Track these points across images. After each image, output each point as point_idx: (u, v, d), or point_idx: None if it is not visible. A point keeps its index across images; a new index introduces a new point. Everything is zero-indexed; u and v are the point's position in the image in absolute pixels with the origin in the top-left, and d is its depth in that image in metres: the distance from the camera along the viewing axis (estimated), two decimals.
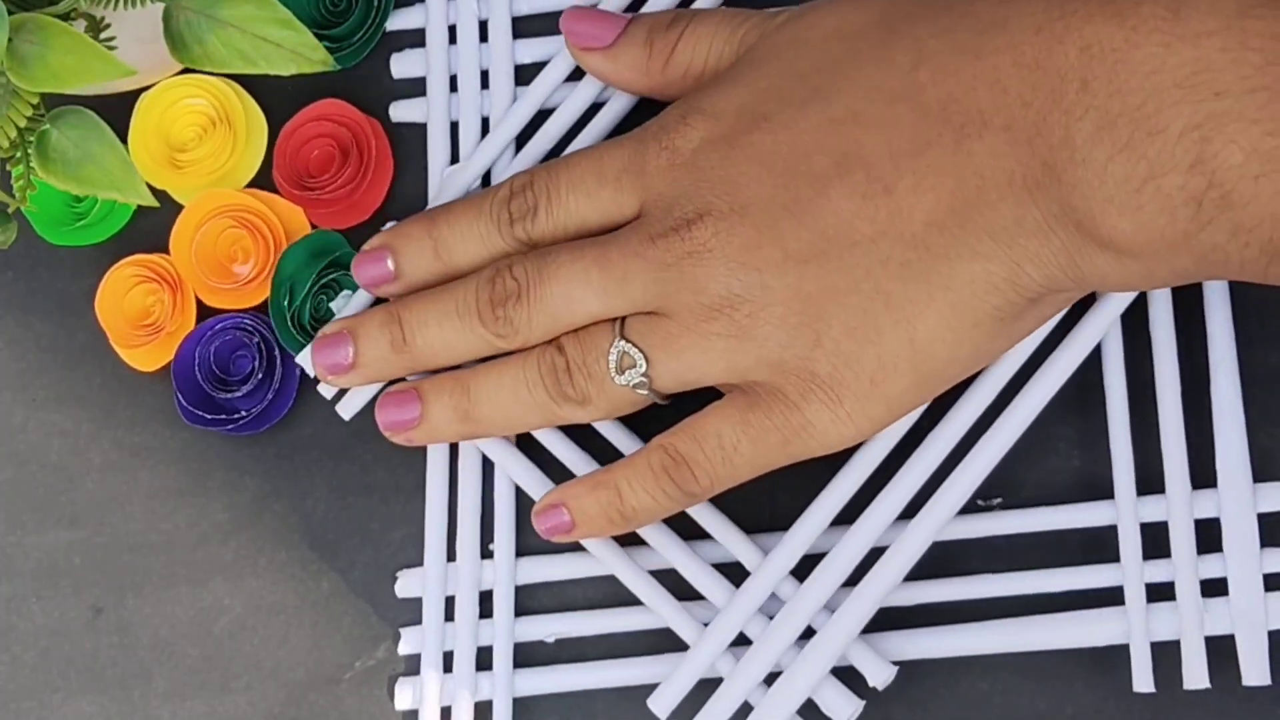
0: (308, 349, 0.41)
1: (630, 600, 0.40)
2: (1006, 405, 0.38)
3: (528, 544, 0.41)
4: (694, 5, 0.42)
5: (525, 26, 0.44)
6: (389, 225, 0.41)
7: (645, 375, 0.37)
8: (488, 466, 0.42)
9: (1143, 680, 0.37)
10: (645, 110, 0.42)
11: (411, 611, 0.42)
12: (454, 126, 0.43)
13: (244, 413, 0.42)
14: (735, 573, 0.39)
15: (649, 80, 0.40)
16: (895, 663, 0.38)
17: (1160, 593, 0.38)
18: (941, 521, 0.38)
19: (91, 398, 0.44)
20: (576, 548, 0.40)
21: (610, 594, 0.40)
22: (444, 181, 0.42)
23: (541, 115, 0.43)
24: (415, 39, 0.44)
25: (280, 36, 0.39)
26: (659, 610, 0.40)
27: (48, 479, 0.44)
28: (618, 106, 0.42)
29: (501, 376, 0.39)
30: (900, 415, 0.37)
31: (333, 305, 0.42)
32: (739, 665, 0.38)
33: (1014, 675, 0.39)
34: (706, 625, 0.39)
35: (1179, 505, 0.38)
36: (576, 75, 0.42)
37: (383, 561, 0.42)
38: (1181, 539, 0.37)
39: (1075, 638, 0.38)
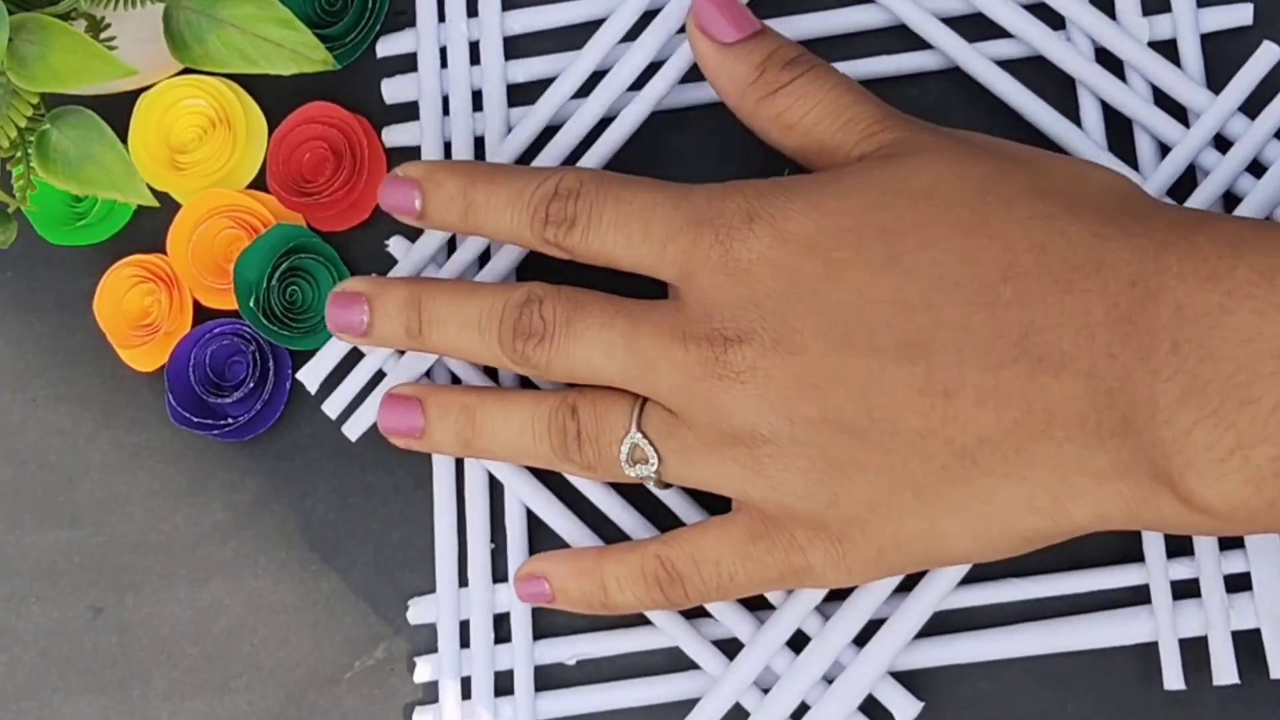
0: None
1: (649, 619, 0.40)
2: None
3: None
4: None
5: (517, 46, 0.44)
6: (420, 161, 0.40)
7: (656, 472, 0.37)
8: (495, 486, 0.41)
9: (1173, 678, 0.37)
10: (653, 127, 0.42)
11: (407, 612, 0.42)
12: (447, 148, 0.43)
13: (231, 419, 0.42)
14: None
15: (740, 103, 0.38)
16: (920, 670, 0.39)
17: (1179, 590, 0.38)
18: (963, 569, 0.38)
19: (91, 398, 0.44)
20: None
21: (626, 615, 0.40)
22: None
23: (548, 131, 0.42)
24: (406, 64, 0.44)
25: (281, 36, 0.39)
26: (679, 640, 0.39)
27: (47, 479, 0.44)
28: (627, 122, 0.41)
29: (509, 417, 0.38)
30: (900, 575, 0.37)
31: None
32: (765, 701, 0.38)
33: (1014, 676, 0.39)
34: (730, 657, 0.39)
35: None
36: (584, 92, 0.42)
37: (382, 561, 0.42)
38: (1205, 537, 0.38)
39: (1103, 638, 0.38)
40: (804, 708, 0.38)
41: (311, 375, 0.42)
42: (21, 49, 0.37)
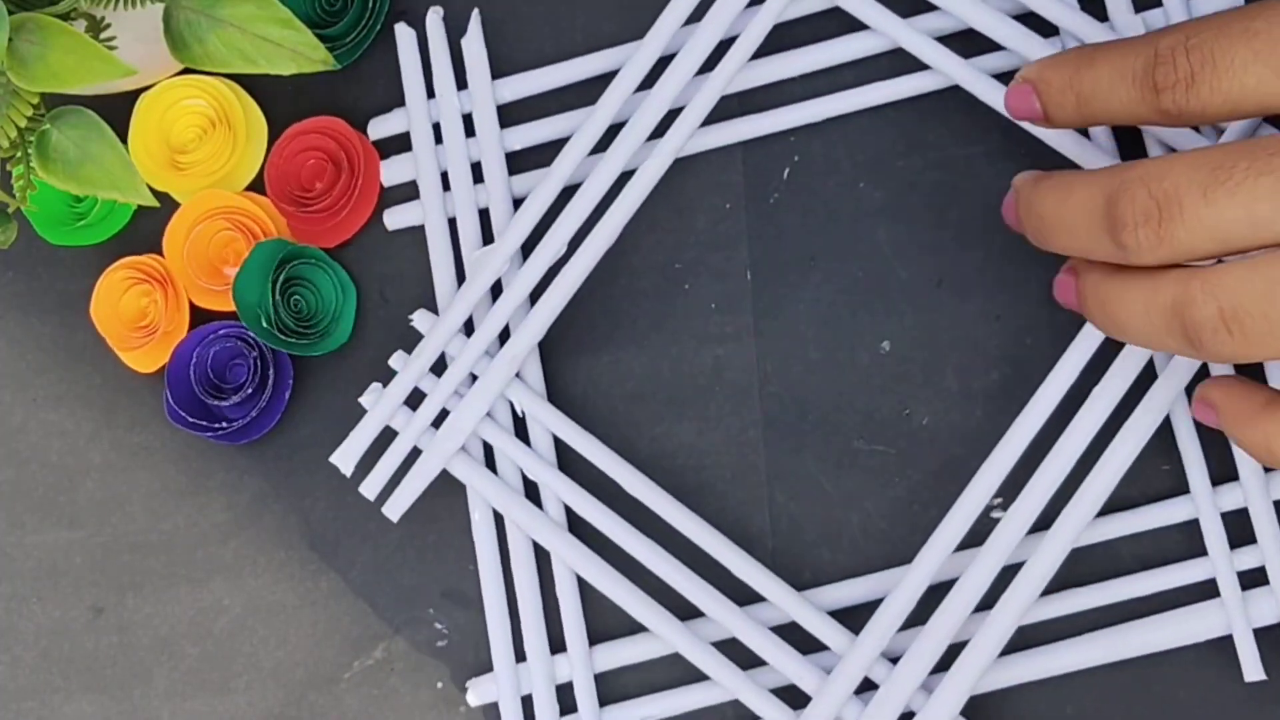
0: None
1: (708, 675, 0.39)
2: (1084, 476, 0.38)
3: (596, 630, 0.41)
4: None
5: (511, 114, 0.43)
6: (1034, 61, 0.37)
7: None
8: (542, 554, 0.41)
9: (1252, 669, 0.37)
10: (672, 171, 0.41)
11: (407, 612, 0.42)
12: (452, 223, 0.43)
13: (227, 423, 0.42)
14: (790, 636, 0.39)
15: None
16: (996, 692, 0.38)
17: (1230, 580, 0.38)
18: (1029, 601, 0.37)
19: (91, 398, 0.44)
20: (643, 628, 0.40)
21: (691, 670, 0.40)
22: (474, 264, 0.41)
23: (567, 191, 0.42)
24: (402, 144, 0.43)
25: (281, 36, 0.39)
26: (749, 701, 0.39)
27: (48, 479, 0.44)
28: (647, 176, 0.41)
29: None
30: None
31: (363, 400, 0.41)
32: None
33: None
34: (795, 707, 0.38)
35: (1257, 491, 0.37)
36: (601, 147, 0.41)
37: (382, 561, 0.42)
38: (1265, 523, 0.37)
39: (1175, 637, 0.37)
40: None
41: (345, 457, 0.41)
42: (21, 49, 0.37)
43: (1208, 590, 0.38)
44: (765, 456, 0.41)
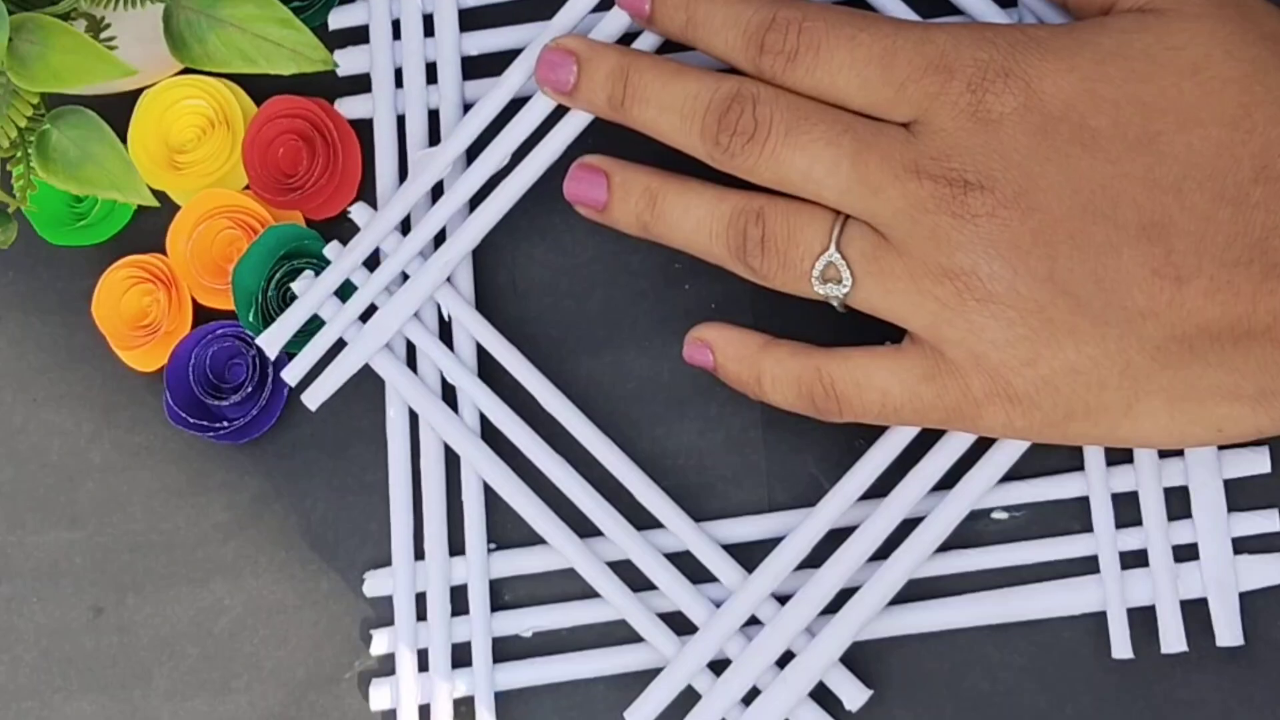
0: (271, 330, 0.41)
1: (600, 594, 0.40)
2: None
3: (497, 537, 0.41)
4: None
5: (472, 19, 0.43)
6: None
7: (845, 294, 0.36)
8: (451, 458, 0.41)
9: (1121, 647, 0.38)
10: None
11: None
12: (400, 120, 0.43)
13: (227, 423, 0.42)
14: (685, 565, 0.40)
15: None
16: (876, 640, 0.39)
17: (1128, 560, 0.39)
18: (922, 557, 0.38)
19: (91, 398, 0.44)
20: (542, 541, 0.41)
21: (585, 586, 0.40)
22: (417, 164, 0.42)
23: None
24: (359, 36, 0.44)
25: (281, 36, 0.39)
26: (637, 624, 0.39)
27: (48, 479, 0.44)
28: None
29: (689, 209, 0.37)
30: (1071, 445, 0.37)
31: (294, 286, 0.42)
32: (717, 684, 0.38)
33: (1015, 676, 0.39)
34: (682, 631, 0.39)
35: (1148, 474, 0.38)
36: None
37: (382, 561, 0.42)
38: (1152, 507, 0.38)
39: (1054, 607, 0.38)
40: (755, 691, 0.38)
41: (272, 341, 0.42)
42: (21, 49, 0.37)
43: (1094, 565, 0.39)
44: (765, 456, 0.41)
